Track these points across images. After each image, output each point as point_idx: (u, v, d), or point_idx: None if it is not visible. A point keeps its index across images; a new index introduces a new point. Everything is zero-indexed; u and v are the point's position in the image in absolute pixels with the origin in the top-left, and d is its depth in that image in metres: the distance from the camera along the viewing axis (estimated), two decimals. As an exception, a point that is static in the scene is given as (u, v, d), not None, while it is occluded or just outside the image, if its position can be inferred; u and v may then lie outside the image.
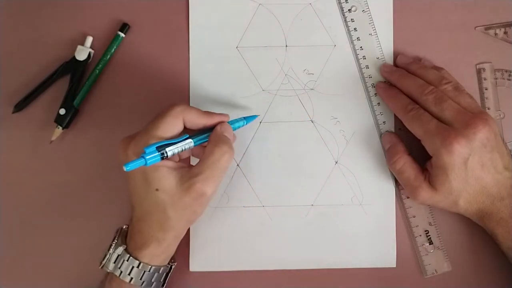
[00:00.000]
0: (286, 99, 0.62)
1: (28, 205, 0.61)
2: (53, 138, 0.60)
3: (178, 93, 0.61)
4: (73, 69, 0.60)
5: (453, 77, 0.59)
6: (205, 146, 0.53)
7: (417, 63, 0.60)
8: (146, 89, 0.61)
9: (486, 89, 0.61)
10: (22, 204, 0.61)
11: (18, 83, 0.61)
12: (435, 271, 0.60)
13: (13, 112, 0.60)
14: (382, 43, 0.61)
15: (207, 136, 0.54)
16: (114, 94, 0.61)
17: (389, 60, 0.61)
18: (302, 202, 0.61)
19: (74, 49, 0.60)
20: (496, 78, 0.61)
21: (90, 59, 0.61)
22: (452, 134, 0.53)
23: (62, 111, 0.59)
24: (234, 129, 0.57)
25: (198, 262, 0.61)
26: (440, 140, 0.53)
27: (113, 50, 0.61)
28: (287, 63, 0.62)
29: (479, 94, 0.61)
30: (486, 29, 0.61)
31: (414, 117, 0.56)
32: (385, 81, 0.61)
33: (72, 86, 0.60)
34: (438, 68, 0.59)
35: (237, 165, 0.61)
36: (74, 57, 0.60)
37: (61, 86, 0.60)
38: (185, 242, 0.60)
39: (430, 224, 0.60)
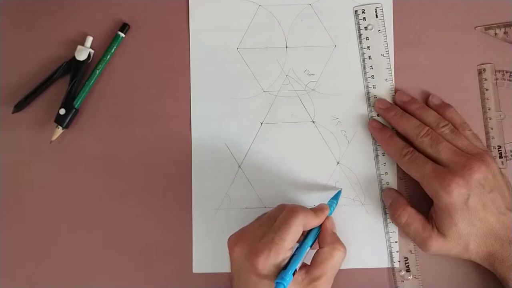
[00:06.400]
0: (287, 100, 0.61)
1: (28, 205, 0.61)
2: (53, 138, 0.60)
3: (179, 94, 0.61)
4: (73, 69, 0.60)
5: (460, 115, 0.59)
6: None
7: (416, 103, 0.60)
8: (146, 89, 0.61)
9: (486, 90, 0.61)
10: (22, 204, 0.61)
11: (18, 83, 0.61)
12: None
13: (13, 112, 0.60)
14: (382, 43, 0.62)
15: (315, 236, 0.55)
16: (114, 94, 0.61)
17: (391, 54, 0.61)
18: (304, 202, 0.60)
19: (74, 49, 0.60)
20: (496, 79, 0.61)
21: (90, 59, 0.61)
22: (449, 176, 0.53)
23: (62, 111, 0.59)
24: (331, 214, 0.57)
25: (201, 264, 0.60)
26: (438, 182, 0.53)
27: (113, 50, 0.60)
28: (288, 64, 0.62)
29: (479, 94, 0.61)
30: (486, 29, 0.62)
31: (409, 162, 0.56)
32: (377, 117, 0.61)
33: (72, 86, 0.60)
34: (446, 106, 0.59)
35: (239, 166, 0.61)
36: (74, 57, 0.60)
37: (61, 86, 0.60)
38: (188, 244, 0.60)
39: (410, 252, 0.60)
